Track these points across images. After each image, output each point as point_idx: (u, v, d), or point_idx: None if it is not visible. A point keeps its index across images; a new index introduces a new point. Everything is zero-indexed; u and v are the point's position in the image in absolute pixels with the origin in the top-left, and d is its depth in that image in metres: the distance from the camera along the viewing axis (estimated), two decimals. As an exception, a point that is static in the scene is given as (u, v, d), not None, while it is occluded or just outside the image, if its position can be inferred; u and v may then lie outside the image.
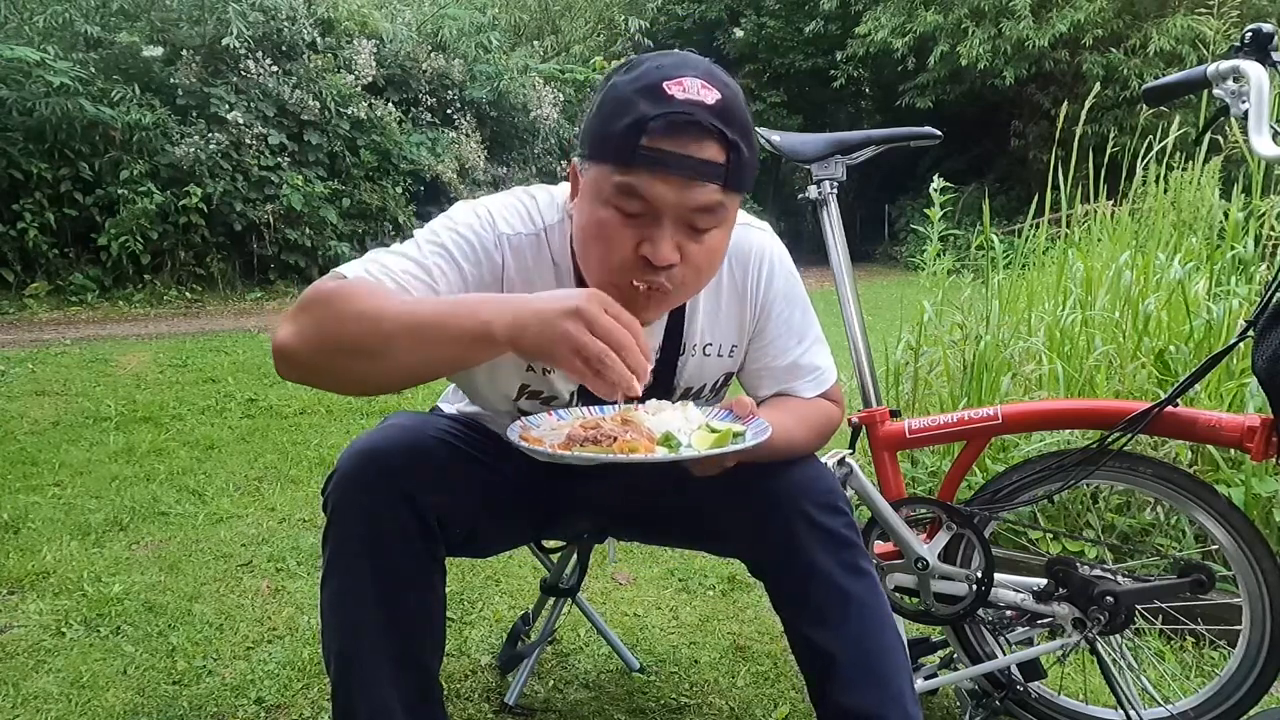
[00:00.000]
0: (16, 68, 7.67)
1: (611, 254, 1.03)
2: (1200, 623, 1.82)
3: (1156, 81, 1.40)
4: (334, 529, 1.10)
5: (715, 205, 1.02)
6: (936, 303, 3.02)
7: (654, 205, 1.00)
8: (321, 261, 9.49)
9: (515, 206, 1.18)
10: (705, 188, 1.00)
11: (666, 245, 1.01)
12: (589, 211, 1.04)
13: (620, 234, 1.02)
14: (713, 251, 1.07)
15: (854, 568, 1.18)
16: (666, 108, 0.97)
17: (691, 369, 1.27)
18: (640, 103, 0.98)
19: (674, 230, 1.02)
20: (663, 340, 1.23)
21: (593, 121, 1.04)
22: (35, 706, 1.67)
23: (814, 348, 1.32)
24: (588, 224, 1.05)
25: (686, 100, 0.97)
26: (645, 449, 0.97)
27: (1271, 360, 1.17)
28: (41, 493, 2.95)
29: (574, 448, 0.98)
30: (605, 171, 1.01)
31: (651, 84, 0.98)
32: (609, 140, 1.00)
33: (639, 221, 1.01)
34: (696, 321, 1.24)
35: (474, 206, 1.17)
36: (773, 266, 1.26)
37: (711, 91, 0.98)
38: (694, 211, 1.01)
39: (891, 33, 14.66)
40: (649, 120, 0.96)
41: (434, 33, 10.99)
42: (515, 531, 1.41)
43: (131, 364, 5.33)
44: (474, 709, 1.70)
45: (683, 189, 0.99)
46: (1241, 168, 3.09)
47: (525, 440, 1.00)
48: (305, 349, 0.98)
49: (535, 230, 1.16)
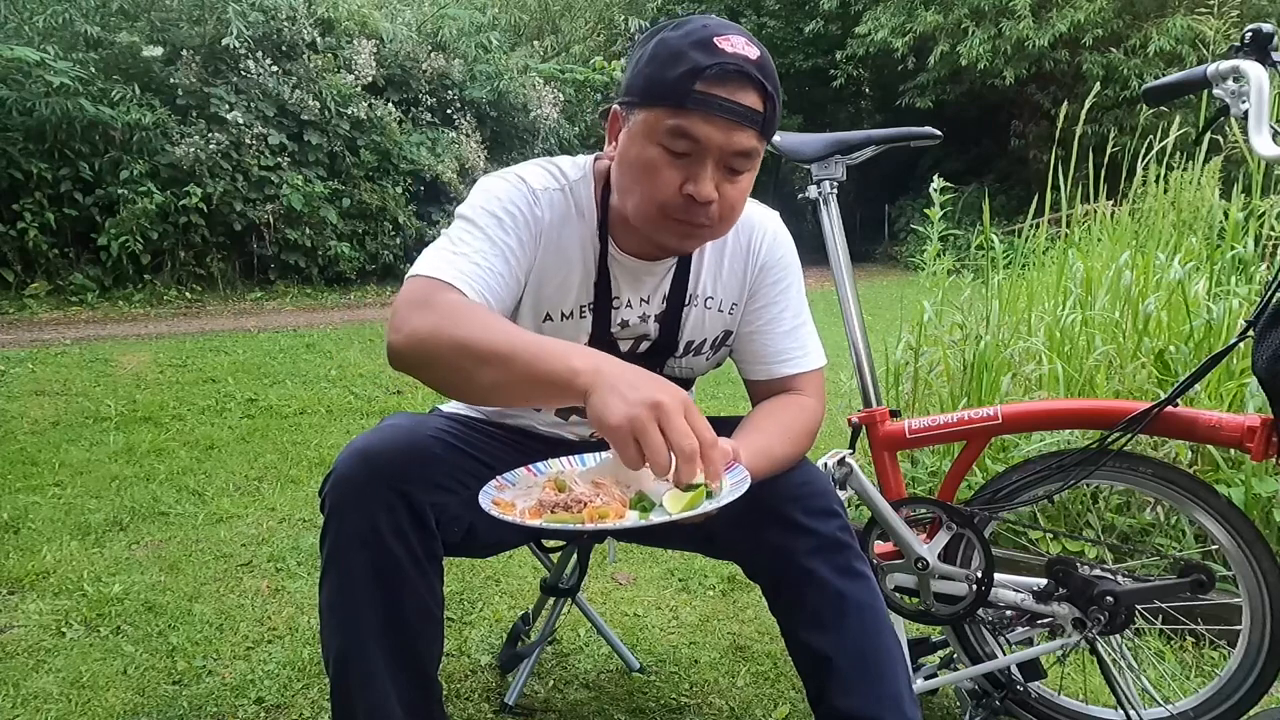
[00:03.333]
0: (16, 68, 7.66)
1: (658, 189, 1.12)
2: (1200, 623, 1.82)
3: (1156, 81, 1.40)
4: (331, 528, 1.10)
5: (751, 149, 1.12)
6: (936, 303, 3.02)
7: (702, 145, 1.09)
8: (321, 261, 9.51)
9: (540, 168, 1.27)
10: (746, 132, 1.10)
11: (708, 184, 1.11)
12: (637, 150, 1.13)
13: (667, 171, 1.11)
14: (743, 192, 1.18)
15: (849, 570, 1.18)
16: (719, 58, 1.07)
17: (694, 321, 1.33)
18: (694, 53, 1.08)
19: (714, 170, 1.12)
20: (670, 289, 1.30)
21: (643, 69, 1.12)
22: (35, 706, 1.67)
23: (805, 327, 1.37)
24: (635, 161, 1.14)
25: (735, 54, 1.08)
26: (616, 513, 0.98)
27: (1271, 360, 1.17)
28: (41, 493, 2.95)
29: (544, 514, 0.99)
30: (658, 114, 1.10)
31: (704, 39, 1.09)
32: (662, 86, 1.09)
33: (685, 161, 1.11)
34: (702, 275, 1.31)
35: (503, 176, 1.25)
36: (775, 237, 1.35)
37: (754, 48, 1.11)
38: (734, 154, 1.11)
39: (891, 32, 14.66)
40: (705, 69, 1.07)
41: (434, 33, 10.98)
42: (515, 531, 1.41)
43: (131, 364, 5.33)
44: (474, 709, 1.70)
45: (729, 131, 1.09)
46: (1241, 168, 3.09)
47: (497, 506, 0.99)
48: (413, 358, 1.04)
49: (561, 185, 1.25)
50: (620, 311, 1.29)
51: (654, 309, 1.31)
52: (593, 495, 1.01)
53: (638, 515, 0.98)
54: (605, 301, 1.27)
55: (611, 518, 0.97)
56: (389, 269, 9.98)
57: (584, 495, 1.01)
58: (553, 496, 1.01)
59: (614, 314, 1.29)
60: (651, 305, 1.30)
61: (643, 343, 1.32)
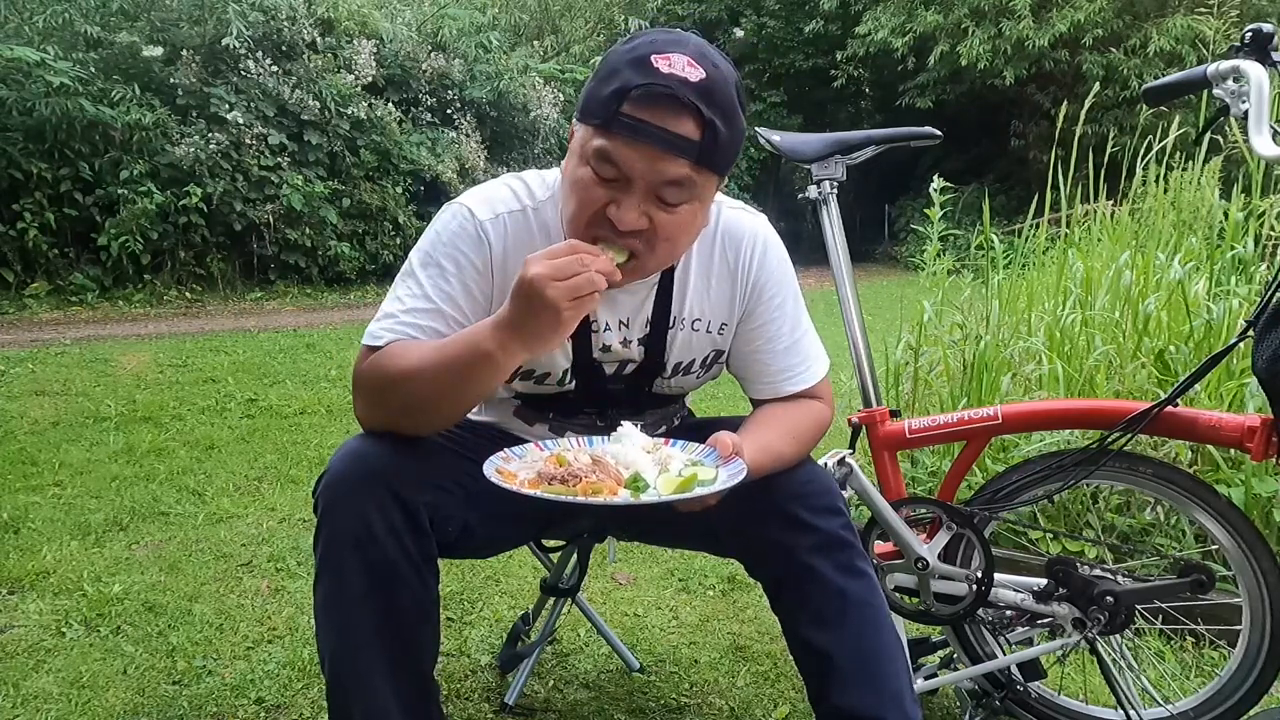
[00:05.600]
0: (16, 68, 7.66)
1: (583, 210, 1.09)
2: (1200, 623, 1.82)
3: (1156, 81, 1.40)
4: (324, 529, 1.10)
5: (684, 179, 1.05)
6: (936, 303, 3.02)
7: (624, 172, 1.04)
8: (322, 261, 9.50)
9: (498, 191, 1.24)
10: (676, 161, 1.03)
11: (631, 212, 1.05)
12: (572, 167, 1.11)
13: (593, 193, 1.07)
14: (684, 225, 1.11)
15: (851, 568, 1.18)
16: (649, 78, 1.01)
17: (681, 343, 1.30)
18: (627, 72, 1.03)
19: (643, 199, 1.06)
20: (653, 312, 1.26)
21: (588, 84, 1.10)
22: (35, 706, 1.67)
23: (806, 337, 1.34)
24: (569, 179, 1.11)
25: (670, 75, 1.01)
26: (610, 491, 1.00)
27: (1271, 360, 1.17)
28: (41, 493, 2.95)
29: (542, 485, 1.01)
30: (589, 133, 1.07)
31: (641, 56, 1.03)
32: (594, 103, 1.06)
33: (612, 185, 1.06)
34: (687, 296, 1.27)
35: (455, 208, 1.23)
36: (765, 249, 1.29)
37: (697, 70, 1.03)
38: (663, 184, 1.05)
39: (891, 32, 14.65)
40: (631, 89, 1.01)
41: (434, 33, 10.99)
42: (514, 531, 1.41)
43: (131, 364, 5.33)
44: (474, 709, 1.70)
45: (654, 159, 1.03)
46: (1241, 168, 3.09)
47: (499, 475, 1.02)
48: (376, 421, 1.13)
49: (520, 207, 1.22)
50: (600, 336, 1.25)
51: (636, 332, 1.27)
52: (589, 471, 1.02)
53: (629, 494, 1.00)
54: (583, 327, 1.21)
55: (605, 494, 0.99)
56: (389, 269, 9.97)
57: (581, 470, 1.03)
58: (553, 470, 1.04)
59: (594, 338, 1.25)
60: (633, 329, 1.26)
61: (628, 365, 1.30)
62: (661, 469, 1.06)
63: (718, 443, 1.10)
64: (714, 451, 1.10)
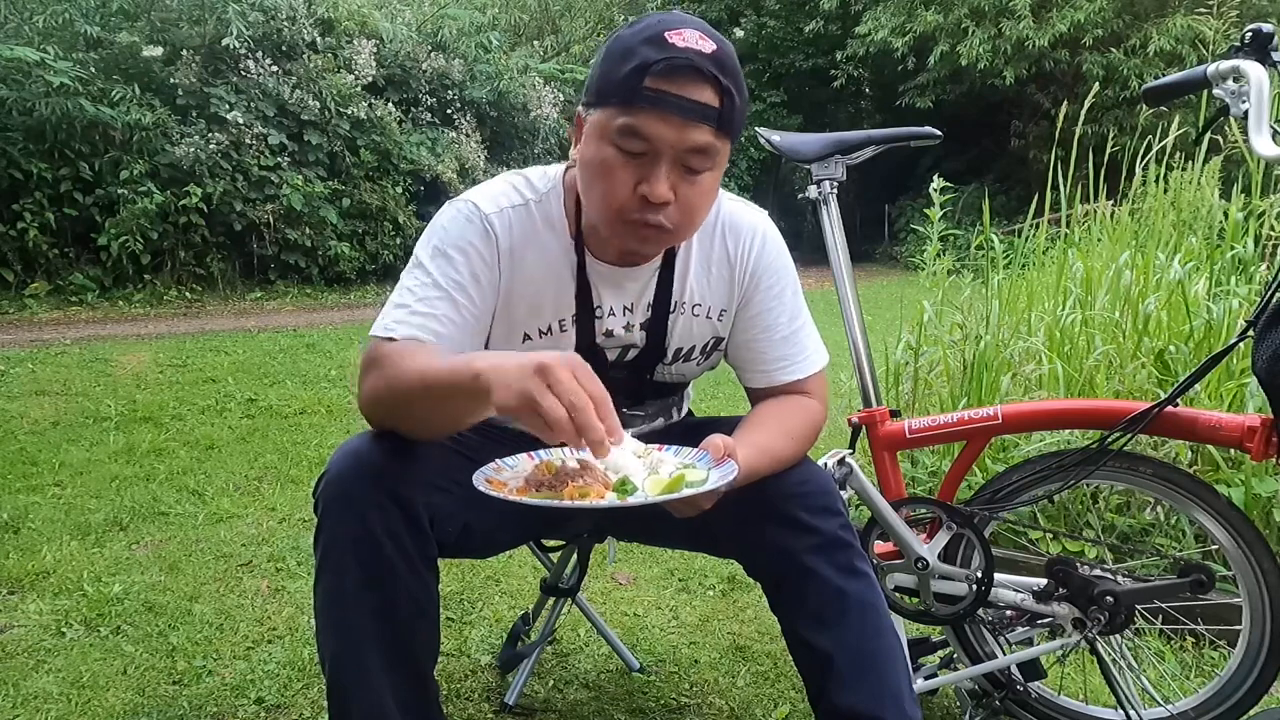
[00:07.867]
0: (16, 68, 7.65)
1: (613, 191, 1.10)
2: (1200, 623, 1.82)
3: (1156, 81, 1.40)
4: (324, 529, 1.10)
5: (708, 146, 1.09)
6: (936, 303, 3.02)
7: (654, 144, 1.07)
8: (322, 261, 9.50)
9: (500, 186, 1.25)
10: (700, 128, 1.07)
11: (663, 184, 1.08)
12: (593, 152, 1.12)
13: (621, 172, 1.09)
14: (704, 193, 1.14)
15: (850, 568, 1.18)
16: (668, 53, 1.05)
17: (681, 328, 1.31)
18: (644, 49, 1.06)
19: (670, 170, 1.09)
20: (654, 296, 1.28)
21: (598, 69, 1.12)
22: (35, 706, 1.67)
23: (804, 329, 1.35)
24: (591, 163, 1.12)
25: (686, 48, 1.05)
26: (597, 494, 1.00)
27: (1271, 360, 1.17)
28: (41, 493, 2.95)
29: (530, 491, 1.01)
30: (610, 113, 1.09)
31: (655, 34, 1.07)
32: (614, 84, 1.08)
33: (639, 161, 1.09)
34: (688, 281, 1.29)
35: (458, 204, 1.24)
36: (765, 240, 1.32)
37: (709, 43, 1.07)
38: (689, 152, 1.08)
39: (891, 32, 14.64)
40: (652, 64, 1.04)
41: (434, 33, 10.98)
42: (514, 532, 1.41)
43: (131, 364, 5.33)
44: (474, 709, 1.70)
45: (680, 128, 1.07)
46: (1241, 168, 3.09)
47: (489, 484, 1.02)
48: (376, 415, 1.12)
49: (523, 201, 1.24)
50: (604, 321, 1.27)
51: (639, 317, 1.29)
52: (577, 475, 1.03)
53: (616, 497, 1.00)
54: (587, 312, 1.25)
55: (593, 497, 0.99)
56: (389, 269, 9.97)
57: (568, 474, 1.03)
58: (542, 476, 1.04)
59: (598, 324, 1.27)
60: (636, 313, 1.29)
61: (630, 351, 1.31)
62: (651, 472, 1.06)
63: (710, 446, 1.10)
64: (706, 455, 1.10)
